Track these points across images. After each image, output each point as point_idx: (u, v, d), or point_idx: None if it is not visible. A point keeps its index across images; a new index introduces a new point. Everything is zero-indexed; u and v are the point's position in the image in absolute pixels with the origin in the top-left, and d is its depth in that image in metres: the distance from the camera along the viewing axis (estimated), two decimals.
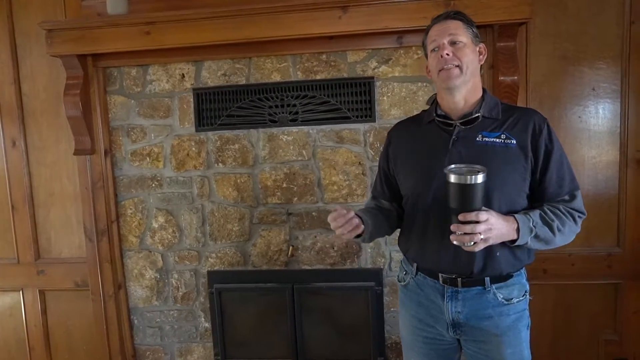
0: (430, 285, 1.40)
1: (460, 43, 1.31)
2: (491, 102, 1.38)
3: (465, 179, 1.14)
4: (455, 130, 1.35)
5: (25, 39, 2.46)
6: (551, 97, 2.22)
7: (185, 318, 2.45)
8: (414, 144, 1.45)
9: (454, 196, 1.17)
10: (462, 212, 1.16)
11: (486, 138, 1.31)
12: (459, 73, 1.30)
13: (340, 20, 2.01)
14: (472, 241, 1.17)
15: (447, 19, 1.34)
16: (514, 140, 1.30)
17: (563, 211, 1.29)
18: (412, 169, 1.42)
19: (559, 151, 1.31)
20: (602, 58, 2.18)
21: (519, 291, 1.36)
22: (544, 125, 1.31)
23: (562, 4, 2.17)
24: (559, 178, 1.31)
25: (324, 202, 2.28)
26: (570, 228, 1.30)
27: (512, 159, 1.29)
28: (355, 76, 2.19)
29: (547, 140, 1.30)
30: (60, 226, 2.58)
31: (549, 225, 1.26)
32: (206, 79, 2.28)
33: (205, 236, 2.37)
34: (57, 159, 2.52)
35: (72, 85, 2.23)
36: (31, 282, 2.61)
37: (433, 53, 1.35)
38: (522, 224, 1.23)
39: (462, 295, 1.35)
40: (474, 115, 1.34)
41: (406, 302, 1.51)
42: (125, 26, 2.09)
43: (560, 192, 1.31)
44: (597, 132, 2.22)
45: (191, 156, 2.33)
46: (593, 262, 2.25)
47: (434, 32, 1.36)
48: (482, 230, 1.16)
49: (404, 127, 1.54)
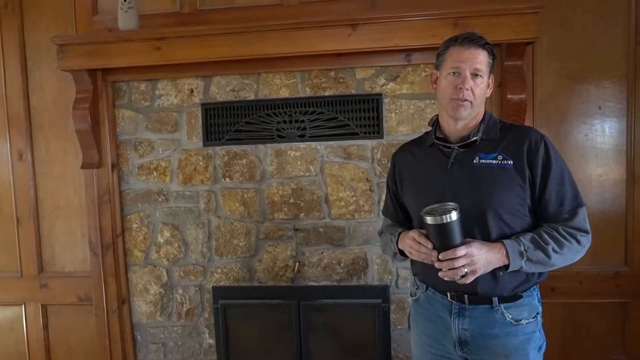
0: (439, 301, 1.41)
1: (480, 78, 1.30)
2: (490, 122, 1.38)
3: (441, 219, 1.20)
4: (453, 152, 1.36)
5: (35, 52, 2.48)
6: (558, 116, 2.23)
7: (190, 334, 2.42)
8: (416, 166, 1.46)
9: (433, 236, 1.25)
10: (443, 250, 1.23)
11: (483, 160, 1.32)
12: (469, 106, 1.31)
13: (349, 38, 2.03)
14: (458, 275, 1.23)
15: (477, 47, 1.30)
16: (510, 160, 1.29)
17: (562, 232, 1.27)
18: (416, 192, 1.44)
19: (558, 168, 1.29)
20: (608, 77, 2.20)
21: (529, 312, 1.33)
22: (540, 143, 1.30)
23: (568, 24, 2.20)
24: (559, 196, 1.29)
25: (330, 218, 2.27)
26: (571, 249, 1.28)
27: (509, 180, 1.29)
28: (364, 93, 2.21)
29: (544, 157, 1.29)
30: (64, 239, 2.57)
31: (542, 248, 1.25)
32: (215, 94, 2.30)
33: (211, 251, 2.36)
34: (63, 172, 2.52)
35: (82, 99, 2.24)
36: (34, 296, 2.59)
37: (450, 76, 1.32)
38: (510, 249, 1.25)
39: (469, 313, 1.34)
40: (472, 138, 1.34)
41: (417, 317, 1.51)
42: (136, 41, 2.11)
43: (561, 211, 1.29)
44: (604, 151, 2.23)
45: (198, 171, 2.33)
46: (601, 280, 2.24)
47: (458, 55, 1.31)
48: (464, 264, 1.21)
49: (407, 149, 1.54)
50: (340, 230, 2.27)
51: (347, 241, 2.27)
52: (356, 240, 2.27)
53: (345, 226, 2.27)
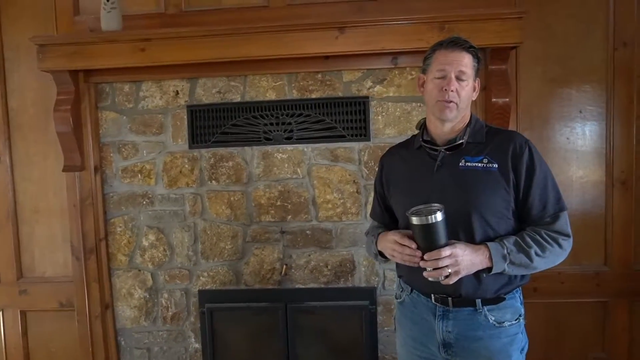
0: (423, 304, 1.42)
1: (466, 81, 1.33)
2: (476, 126, 1.39)
3: (426, 220, 1.22)
4: (440, 155, 1.37)
5: (14, 53, 2.41)
6: (541, 119, 2.27)
7: (175, 339, 2.39)
8: (403, 168, 1.47)
9: (418, 236, 1.26)
10: (427, 250, 1.24)
11: (468, 163, 1.34)
12: (455, 108, 1.33)
13: (336, 41, 2.03)
14: (442, 275, 1.24)
15: (462, 50, 1.33)
16: (495, 164, 1.32)
17: (544, 236, 1.30)
18: (402, 194, 1.45)
19: (542, 173, 1.32)
20: (588, 81, 2.26)
21: (512, 314, 1.35)
22: (525, 147, 1.32)
23: (550, 29, 2.24)
24: (542, 200, 1.31)
25: (318, 220, 2.27)
26: (553, 252, 1.30)
27: (493, 182, 1.31)
28: (351, 95, 2.21)
29: (528, 161, 1.31)
30: (44, 244, 2.50)
31: (525, 251, 1.27)
32: (201, 96, 2.27)
33: (197, 255, 2.33)
34: (43, 175, 2.46)
35: (63, 101, 2.19)
36: (12, 302, 2.52)
37: (437, 80, 1.34)
38: (494, 252, 1.26)
39: (453, 315, 1.35)
40: (458, 141, 1.36)
41: (402, 319, 1.52)
42: (120, 43, 2.07)
43: (544, 214, 1.32)
44: (585, 153, 2.28)
45: (184, 173, 2.30)
46: (582, 280, 2.29)
47: (444, 58, 1.34)
48: (448, 264, 1.22)
49: (395, 152, 1.55)
50: (327, 232, 2.27)
51: (335, 243, 2.27)
52: (343, 243, 2.27)
53: (333, 228, 2.27)
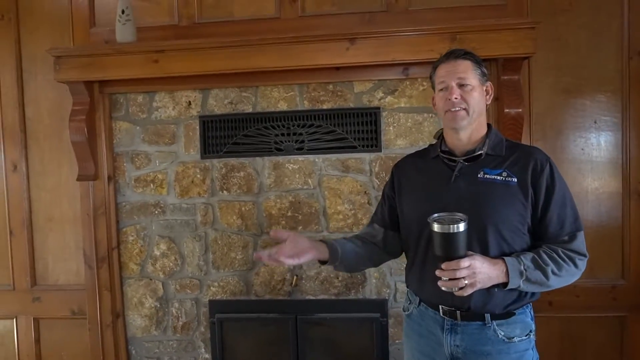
0: (431, 317, 1.40)
1: (469, 86, 1.32)
2: (496, 139, 1.38)
3: (448, 228, 1.19)
4: (457, 166, 1.36)
5: (31, 63, 2.47)
6: (554, 129, 2.25)
7: (185, 349, 2.39)
8: (418, 178, 1.45)
9: (438, 244, 1.22)
10: (445, 260, 1.21)
11: (487, 175, 1.32)
12: (465, 115, 1.32)
13: (347, 52, 2.04)
14: (457, 287, 1.21)
15: (457, 59, 1.34)
16: (514, 178, 1.30)
17: (561, 254, 1.28)
18: (415, 203, 1.43)
19: (561, 191, 1.31)
20: (602, 91, 2.23)
21: (521, 330, 1.33)
22: (545, 164, 1.31)
23: (562, 39, 2.22)
24: (560, 218, 1.30)
25: (329, 231, 2.26)
26: (569, 271, 1.28)
27: (512, 197, 1.29)
28: (362, 106, 2.21)
29: (548, 179, 1.30)
30: (58, 252, 2.53)
31: (542, 269, 1.25)
32: (212, 107, 2.29)
33: (208, 264, 2.34)
34: (58, 183, 2.50)
35: (78, 111, 2.22)
36: (26, 309, 2.54)
37: (441, 93, 1.36)
38: (511, 268, 1.24)
39: (462, 329, 1.33)
40: (477, 152, 1.35)
41: (409, 332, 1.49)
42: (134, 54, 2.11)
43: (561, 233, 1.30)
44: (600, 164, 2.25)
45: (195, 183, 2.32)
46: (598, 294, 2.25)
47: (442, 72, 1.36)
48: (465, 275, 1.19)
49: (410, 160, 1.54)
50: None
51: None
52: None
53: None
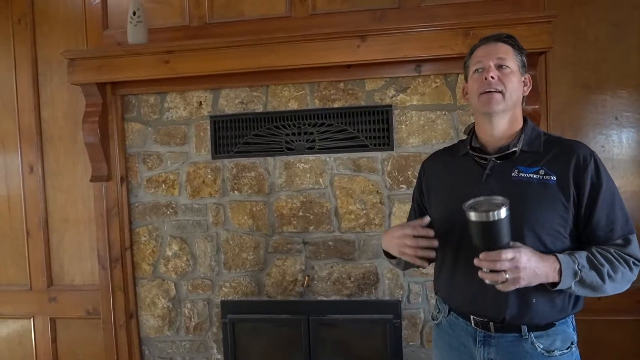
0: (462, 327, 1.29)
1: (507, 68, 1.21)
2: (532, 133, 1.25)
3: (487, 216, 1.04)
4: (489, 164, 1.24)
5: (47, 67, 2.51)
6: (572, 126, 2.18)
7: (197, 349, 2.39)
8: (447, 176, 1.35)
9: (476, 234, 1.09)
10: (485, 251, 1.08)
11: (522, 173, 1.19)
12: (501, 99, 1.20)
13: (358, 49, 2.01)
14: (498, 280, 1.07)
15: (497, 41, 1.24)
16: (553, 176, 1.17)
17: (615, 255, 1.14)
18: (443, 203, 1.32)
19: (609, 189, 1.16)
20: (624, 86, 2.15)
21: (562, 342, 1.20)
22: (590, 160, 1.17)
23: (581, 33, 2.16)
24: (608, 220, 1.16)
25: (340, 231, 2.23)
26: (624, 275, 1.14)
27: (550, 197, 1.16)
28: (373, 104, 2.18)
29: (593, 176, 1.15)
30: (73, 252, 2.56)
31: (597, 269, 1.11)
32: (223, 107, 2.29)
33: (220, 265, 2.33)
34: (73, 184, 2.53)
35: (91, 113, 2.24)
36: (42, 309, 2.58)
37: (476, 74, 1.24)
38: (565, 266, 1.10)
39: (496, 341, 1.22)
40: (511, 149, 1.22)
41: (439, 343, 1.39)
42: (145, 55, 2.12)
43: (612, 236, 1.16)
44: (621, 162, 2.17)
45: (207, 183, 2.32)
46: (621, 296, 2.09)
47: (480, 52, 1.25)
48: (507, 269, 1.06)
49: (438, 157, 1.43)
50: (350, 243, 2.23)
51: (358, 255, 2.23)
52: (366, 254, 2.22)
53: (356, 240, 2.23)
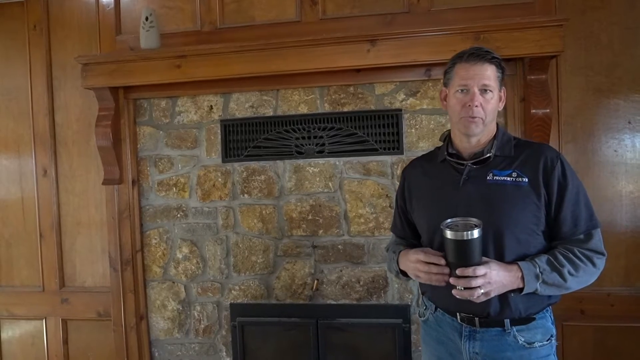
0: (448, 323, 1.36)
1: (490, 93, 1.27)
2: (503, 138, 1.34)
3: (462, 235, 1.15)
4: (466, 169, 1.32)
5: (61, 71, 2.55)
6: (585, 131, 2.16)
7: (207, 352, 2.40)
8: (427, 182, 1.42)
9: (451, 251, 1.18)
10: (460, 267, 1.17)
11: (497, 177, 1.29)
12: (481, 123, 1.28)
13: (368, 54, 2.02)
14: (472, 296, 1.18)
15: (484, 62, 1.27)
16: (525, 178, 1.26)
17: (578, 254, 1.24)
18: (425, 209, 1.40)
19: (574, 188, 1.26)
20: (637, 91, 2.13)
21: (542, 335, 1.29)
22: (556, 161, 1.27)
23: (594, 37, 2.14)
24: (573, 216, 1.26)
25: (350, 235, 2.23)
26: (586, 271, 1.24)
27: (523, 197, 1.25)
28: (383, 108, 2.18)
29: (560, 176, 1.26)
30: (85, 255, 2.59)
31: (558, 270, 1.22)
32: (234, 111, 2.31)
33: (229, 268, 2.34)
34: (85, 188, 2.56)
35: (104, 117, 2.28)
36: (55, 310, 2.61)
37: (459, 94, 1.29)
38: (526, 272, 1.21)
39: (481, 336, 1.30)
40: (485, 155, 1.31)
41: (427, 339, 1.47)
42: (157, 60, 2.14)
43: (576, 231, 1.26)
44: (634, 166, 2.14)
45: (217, 187, 2.33)
46: (634, 303, 2.13)
47: (465, 72, 1.28)
48: (480, 284, 1.17)
49: (417, 164, 1.51)
50: (359, 247, 2.23)
51: (367, 259, 2.23)
52: (376, 258, 2.22)
53: (365, 243, 2.22)
